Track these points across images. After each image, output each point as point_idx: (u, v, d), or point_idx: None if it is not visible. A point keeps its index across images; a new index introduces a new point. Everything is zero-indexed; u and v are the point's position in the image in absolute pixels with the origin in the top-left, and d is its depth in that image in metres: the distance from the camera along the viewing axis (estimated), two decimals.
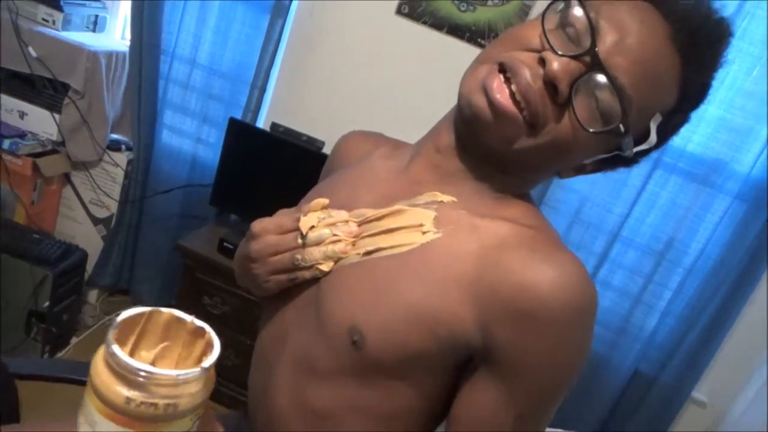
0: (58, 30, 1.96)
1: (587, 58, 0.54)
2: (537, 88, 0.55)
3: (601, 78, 0.54)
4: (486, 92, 0.56)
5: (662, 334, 1.88)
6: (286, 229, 0.66)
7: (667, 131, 0.62)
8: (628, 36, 0.54)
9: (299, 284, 0.67)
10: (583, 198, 1.84)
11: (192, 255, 1.90)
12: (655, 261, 1.84)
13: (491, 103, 0.55)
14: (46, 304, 1.83)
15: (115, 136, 2.17)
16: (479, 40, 1.86)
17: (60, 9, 1.95)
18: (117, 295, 2.32)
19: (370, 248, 0.63)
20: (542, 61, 0.54)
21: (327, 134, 1.98)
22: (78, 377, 0.97)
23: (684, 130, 1.88)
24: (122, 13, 2.24)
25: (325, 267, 0.64)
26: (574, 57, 0.54)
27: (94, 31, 2.11)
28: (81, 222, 2.23)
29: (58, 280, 1.85)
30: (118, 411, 0.38)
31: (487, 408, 0.59)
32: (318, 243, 0.64)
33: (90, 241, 2.21)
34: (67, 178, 2.19)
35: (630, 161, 0.63)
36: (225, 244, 1.89)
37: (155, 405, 0.38)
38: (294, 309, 0.69)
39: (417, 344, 0.58)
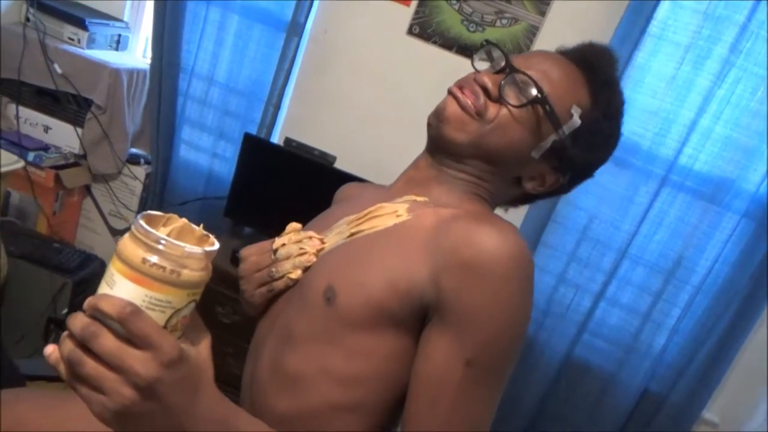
0: (82, 48, 2.05)
1: (506, 70, 0.74)
2: (478, 89, 0.73)
3: (519, 76, 0.73)
4: (452, 95, 0.74)
5: (672, 352, 1.87)
6: (265, 251, 0.80)
7: (594, 127, 0.75)
8: (532, 57, 0.76)
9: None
10: (591, 215, 1.86)
11: None
12: (663, 279, 1.84)
13: (456, 98, 0.73)
14: (65, 311, 1.89)
15: (134, 150, 2.25)
16: None
17: (85, 28, 2.03)
18: None
19: (353, 231, 0.75)
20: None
21: (338, 149, 2.02)
22: None
23: (691, 149, 1.90)
24: (144, 32, 2.32)
25: (293, 275, 0.75)
26: (496, 72, 0.75)
27: (117, 49, 2.20)
28: (100, 233, 2.29)
29: (77, 288, 1.91)
30: (133, 269, 0.47)
31: (439, 355, 0.64)
32: (288, 257, 0.77)
33: (108, 251, 2.27)
34: (87, 190, 2.26)
35: (573, 166, 0.77)
36: (237, 255, 1.93)
37: (163, 268, 0.47)
38: (284, 296, 0.79)
39: (379, 296, 0.67)
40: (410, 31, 1.96)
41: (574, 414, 2.00)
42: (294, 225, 0.81)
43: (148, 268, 0.46)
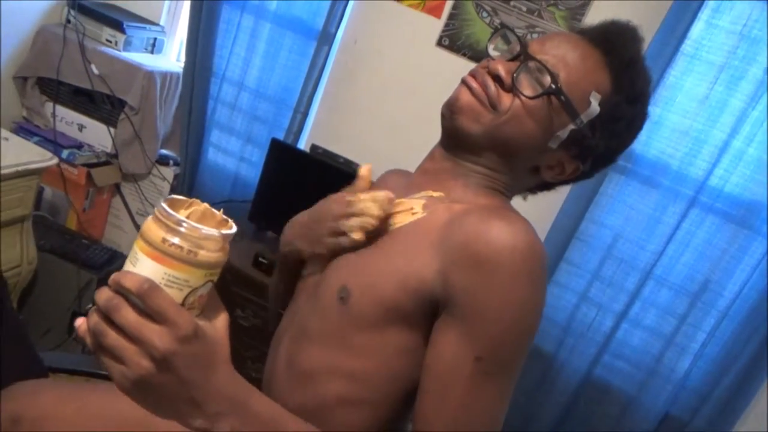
0: (119, 50, 2.10)
1: (521, 57, 0.71)
2: (490, 80, 0.71)
3: (532, 63, 0.70)
4: (465, 84, 0.72)
5: (695, 377, 1.83)
6: (343, 201, 0.78)
7: (616, 112, 0.72)
8: (548, 41, 0.73)
9: (313, 273, 0.80)
10: (616, 234, 1.83)
11: (227, 268, 1.96)
12: (689, 302, 1.80)
13: (469, 88, 0.71)
14: (90, 306, 1.92)
15: (164, 151, 2.29)
16: None
17: (123, 31, 2.09)
18: None
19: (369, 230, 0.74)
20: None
21: (363, 158, 2.03)
22: (106, 372, 1.02)
23: (722, 171, 1.85)
24: (179, 37, 2.38)
25: (356, 235, 0.73)
26: (510, 59, 0.72)
27: (152, 52, 2.25)
28: (127, 231, 2.34)
29: (102, 284, 1.94)
30: (154, 248, 0.49)
31: (448, 351, 0.64)
32: (359, 215, 0.74)
33: None
34: (117, 189, 2.31)
35: (594, 154, 0.74)
36: (260, 259, 1.95)
37: (181, 248, 0.49)
38: (305, 294, 0.80)
39: (391, 296, 0.67)
40: (440, 43, 1.97)
41: None
42: (365, 171, 0.82)
43: (168, 247, 0.49)
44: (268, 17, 2.06)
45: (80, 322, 0.52)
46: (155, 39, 2.25)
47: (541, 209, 1.98)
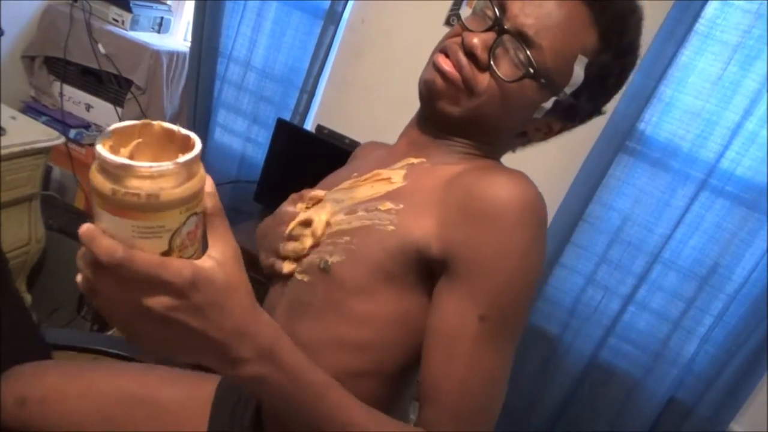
0: (126, 30, 2.10)
1: (496, 28, 0.66)
2: (464, 60, 0.67)
3: (509, 38, 0.66)
4: (436, 67, 0.69)
5: (701, 361, 1.82)
6: (280, 222, 0.81)
7: (603, 72, 0.69)
8: (529, 2, 0.66)
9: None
10: (624, 216, 1.81)
11: None
12: (696, 285, 1.78)
13: (441, 73, 0.68)
14: None
15: None
16: None
17: (129, 10, 2.08)
18: None
19: (351, 196, 0.74)
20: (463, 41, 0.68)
21: (368, 138, 2.01)
22: (112, 350, 1.03)
23: (734, 153, 1.81)
24: (186, 16, 2.36)
25: (285, 268, 0.75)
26: (485, 30, 0.67)
27: (159, 32, 2.24)
28: None
29: None
30: (109, 202, 0.41)
31: (451, 311, 0.63)
32: (296, 238, 0.76)
33: None
34: None
35: (582, 114, 0.72)
36: None
37: (138, 195, 0.41)
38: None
39: (371, 256, 0.67)
40: (448, 22, 1.94)
41: (596, 418, 1.96)
42: (308, 197, 0.81)
43: (122, 198, 0.41)
44: None
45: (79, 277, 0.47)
46: (162, 18, 2.24)
47: (548, 191, 1.97)
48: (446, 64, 0.68)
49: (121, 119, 2.13)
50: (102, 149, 0.41)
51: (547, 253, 0.68)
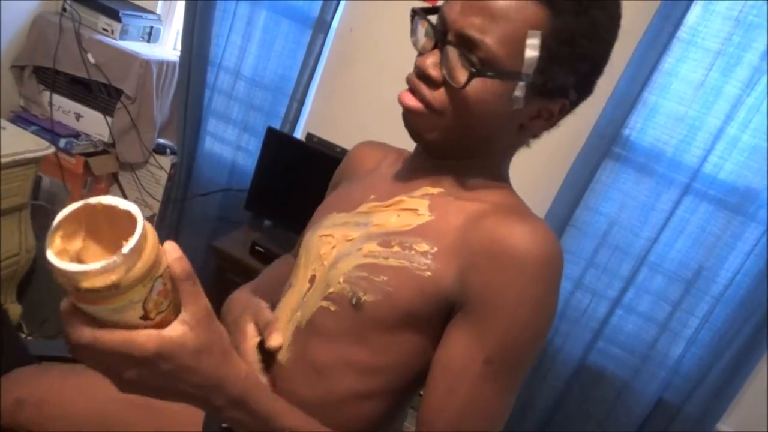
0: (116, 39, 2.10)
1: (439, 43, 0.67)
2: (421, 85, 0.69)
3: (451, 47, 0.65)
4: (401, 104, 0.71)
5: (688, 363, 1.85)
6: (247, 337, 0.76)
7: (565, 36, 0.63)
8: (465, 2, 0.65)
9: (310, 266, 0.78)
10: (611, 221, 1.84)
11: (224, 256, 1.98)
12: (682, 288, 1.81)
13: (406, 108, 0.71)
14: None
15: (161, 140, 2.30)
16: None
17: (119, 20, 2.09)
18: None
19: (376, 231, 0.73)
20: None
21: None
22: None
23: (716, 158, 1.83)
24: (175, 25, 2.37)
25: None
26: (433, 48, 0.68)
27: (148, 41, 2.25)
28: None
29: None
30: (75, 297, 0.46)
31: (459, 349, 0.65)
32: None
33: None
34: (114, 178, 2.32)
35: (568, 85, 0.67)
36: (257, 247, 1.96)
37: (97, 290, 0.44)
38: (301, 285, 0.79)
39: (408, 301, 0.67)
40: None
41: (586, 420, 1.98)
42: (276, 344, 0.73)
43: (84, 295, 0.44)
44: (264, 5, 2.06)
45: None
46: (152, 27, 2.25)
47: (536, 197, 1.99)
48: (407, 99, 0.70)
49: (110, 128, 2.13)
50: (52, 256, 0.44)
51: None
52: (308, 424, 0.64)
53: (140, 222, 0.45)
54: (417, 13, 0.71)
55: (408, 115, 0.71)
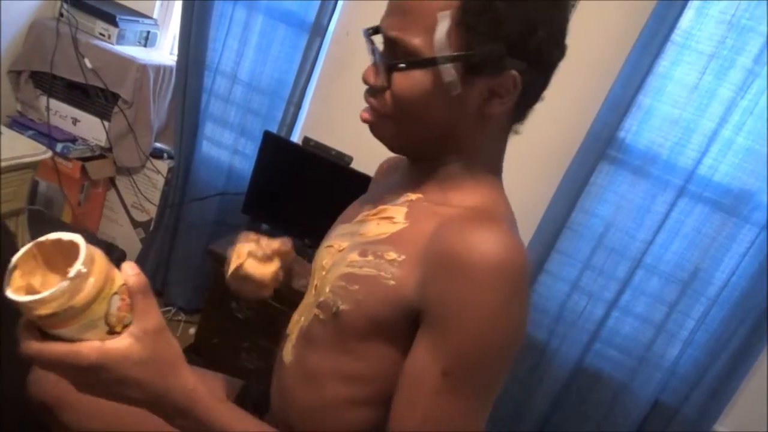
0: (112, 44, 2.11)
1: (374, 55, 0.70)
2: (368, 96, 0.73)
3: (377, 52, 0.69)
4: (361, 120, 0.74)
5: (685, 364, 1.85)
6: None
7: (479, 8, 0.62)
8: (388, 7, 0.69)
9: (316, 276, 0.82)
10: (607, 223, 1.85)
11: (222, 260, 1.97)
12: (678, 289, 1.82)
13: (366, 122, 0.74)
14: None
15: (158, 144, 2.30)
16: None
17: (116, 25, 2.09)
18: None
19: (359, 240, 0.75)
20: None
21: (355, 150, 2.05)
22: None
23: (711, 160, 1.84)
24: (172, 30, 2.38)
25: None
26: (375, 61, 0.71)
27: (145, 46, 2.26)
28: (122, 224, 2.35)
29: None
30: (39, 324, 0.50)
31: (419, 360, 0.64)
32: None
33: (129, 242, 2.33)
34: (111, 182, 2.32)
35: (508, 51, 0.64)
36: None
37: (55, 314, 0.48)
38: (310, 295, 0.83)
39: (377, 309, 0.68)
40: None
41: (583, 422, 1.98)
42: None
43: (45, 321, 0.49)
44: (261, 9, 2.07)
45: None
46: (148, 32, 2.25)
47: (532, 199, 2.00)
48: (362, 114, 0.74)
49: (108, 133, 2.14)
50: (9, 292, 0.48)
51: (531, 276, 0.68)
52: (260, 430, 0.65)
53: (83, 248, 0.50)
54: (366, 30, 0.74)
55: (370, 128, 0.74)
